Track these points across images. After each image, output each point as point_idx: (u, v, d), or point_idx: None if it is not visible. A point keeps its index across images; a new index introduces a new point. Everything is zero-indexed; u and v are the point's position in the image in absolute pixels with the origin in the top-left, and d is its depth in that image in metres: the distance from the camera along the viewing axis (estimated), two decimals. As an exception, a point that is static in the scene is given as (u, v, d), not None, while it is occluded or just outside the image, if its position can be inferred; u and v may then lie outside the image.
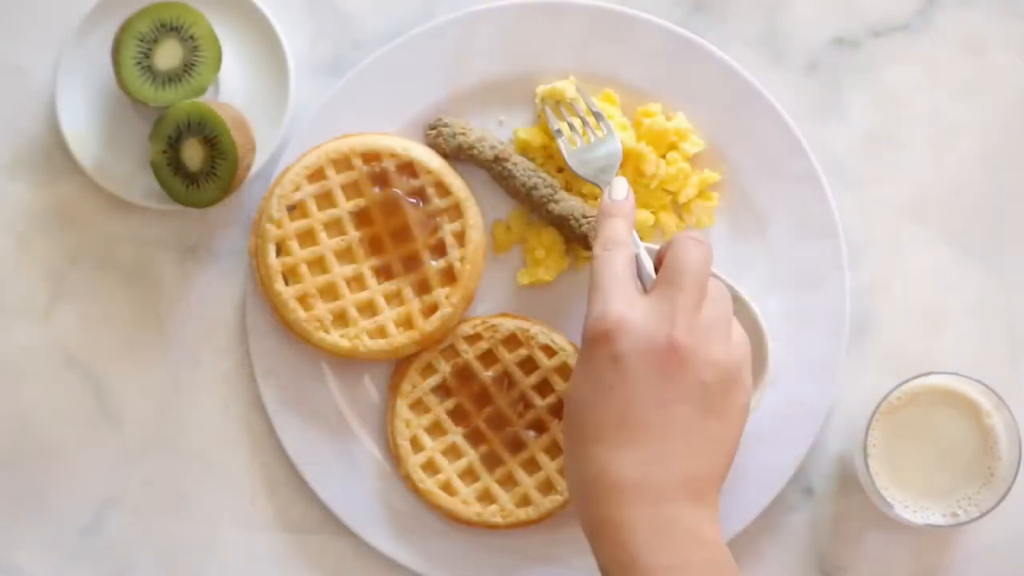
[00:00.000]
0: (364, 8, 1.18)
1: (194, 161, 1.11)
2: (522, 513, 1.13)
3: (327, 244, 1.09)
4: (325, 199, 1.09)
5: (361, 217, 1.09)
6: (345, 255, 1.09)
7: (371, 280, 1.09)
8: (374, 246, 1.09)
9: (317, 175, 1.09)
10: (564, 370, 1.13)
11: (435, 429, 1.13)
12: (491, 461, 1.14)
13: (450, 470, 1.13)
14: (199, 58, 1.12)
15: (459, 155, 1.14)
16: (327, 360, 1.14)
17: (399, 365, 1.14)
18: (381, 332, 1.09)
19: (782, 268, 1.14)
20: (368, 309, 1.09)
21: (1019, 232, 1.16)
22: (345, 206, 1.09)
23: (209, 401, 1.17)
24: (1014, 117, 1.17)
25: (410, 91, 1.15)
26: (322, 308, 1.08)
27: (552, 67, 1.15)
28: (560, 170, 1.15)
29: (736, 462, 1.13)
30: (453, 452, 1.13)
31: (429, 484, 1.13)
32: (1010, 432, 1.08)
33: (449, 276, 1.08)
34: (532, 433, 1.13)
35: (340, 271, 1.09)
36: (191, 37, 1.11)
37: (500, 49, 1.15)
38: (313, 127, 1.14)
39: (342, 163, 1.09)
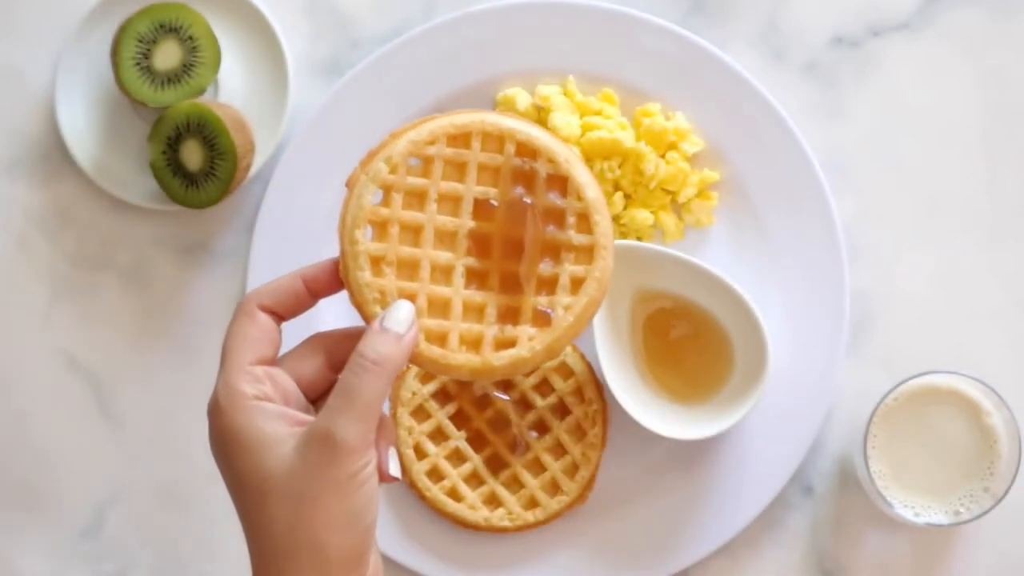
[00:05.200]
0: (364, 8, 1.18)
1: (193, 162, 1.11)
2: (530, 515, 1.13)
3: (434, 217, 0.89)
4: (456, 169, 0.90)
5: (483, 208, 0.90)
6: (446, 239, 0.90)
7: (459, 279, 0.89)
8: (481, 246, 0.90)
9: (460, 140, 0.90)
10: (564, 369, 1.13)
11: (437, 435, 1.13)
12: (495, 464, 1.14)
13: (455, 475, 1.13)
14: (198, 59, 1.12)
15: (459, 155, 1.14)
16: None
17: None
18: (441, 340, 0.89)
19: (782, 268, 1.14)
20: (440, 309, 0.89)
21: (1019, 232, 1.16)
22: (474, 188, 0.89)
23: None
24: (1014, 117, 1.17)
25: (410, 91, 1.15)
26: (392, 281, 0.89)
27: (551, 67, 1.15)
28: (560, 170, 1.15)
29: (736, 462, 1.13)
30: (457, 457, 1.13)
31: (435, 491, 1.13)
32: (1010, 431, 1.08)
33: (544, 319, 0.90)
34: (534, 434, 1.13)
35: (432, 253, 0.89)
36: (190, 38, 1.11)
37: (500, 49, 1.15)
38: (313, 127, 1.14)
39: (493, 141, 0.90)
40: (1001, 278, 1.16)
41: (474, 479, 1.14)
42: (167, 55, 1.12)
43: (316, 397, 0.86)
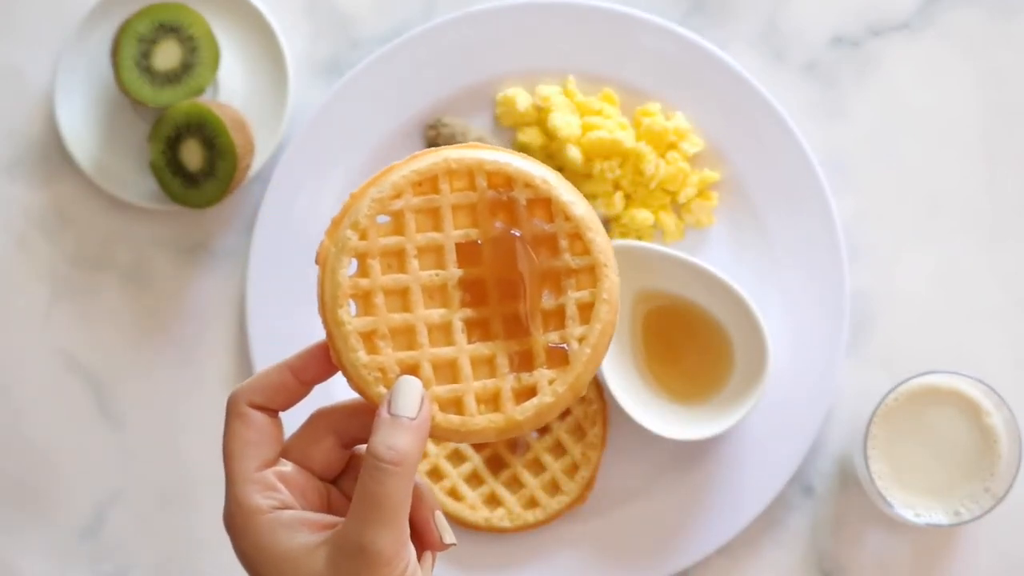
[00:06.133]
0: (363, 8, 1.18)
1: (193, 161, 1.11)
2: (529, 516, 1.13)
3: (418, 275, 0.82)
4: (429, 217, 0.82)
5: (467, 252, 0.82)
6: (436, 295, 0.82)
7: (460, 335, 0.81)
8: (475, 293, 0.82)
9: (428, 185, 0.82)
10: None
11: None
12: (495, 464, 1.14)
13: (455, 475, 1.13)
14: (198, 59, 1.12)
15: (458, 155, 1.14)
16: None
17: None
18: (457, 406, 0.81)
19: (782, 268, 1.14)
20: (447, 371, 0.81)
21: (1019, 232, 1.16)
22: (453, 233, 0.82)
23: (209, 401, 1.17)
24: (1014, 117, 1.17)
25: (410, 91, 1.15)
26: (390, 356, 0.81)
27: (551, 67, 1.15)
28: (560, 170, 1.15)
29: (736, 462, 1.13)
30: (457, 457, 1.13)
31: (436, 491, 1.13)
32: (1010, 431, 1.07)
33: (560, 357, 0.82)
34: (534, 434, 1.13)
35: (424, 313, 0.81)
36: (190, 38, 1.11)
37: (499, 49, 1.15)
38: (313, 127, 1.14)
39: (463, 177, 0.82)
40: (1001, 278, 1.16)
41: (474, 479, 1.14)
42: (167, 55, 1.12)
43: (335, 476, 0.81)
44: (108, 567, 1.17)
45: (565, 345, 0.81)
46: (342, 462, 0.80)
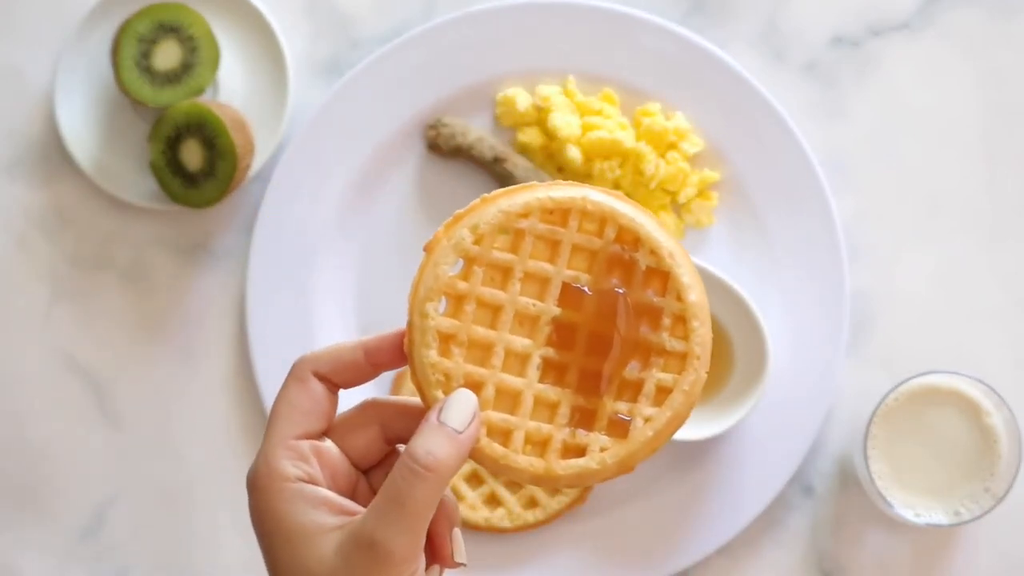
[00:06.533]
0: (363, 8, 1.18)
1: (193, 162, 1.11)
2: (529, 516, 1.13)
3: (516, 298, 0.80)
4: (547, 247, 0.80)
5: (571, 295, 0.80)
6: (526, 324, 0.80)
7: (534, 371, 0.79)
8: (563, 337, 0.80)
9: (558, 216, 0.80)
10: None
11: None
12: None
13: (456, 474, 1.13)
14: (198, 59, 1.12)
15: (458, 155, 1.14)
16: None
17: (399, 373, 1.13)
18: (505, 437, 0.79)
19: (782, 268, 1.14)
20: (508, 401, 0.80)
21: (1019, 232, 1.16)
22: (564, 271, 0.80)
23: (209, 401, 1.17)
24: (1014, 117, 1.17)
25: (410, 91, 1.15)
26: (459, 365, 0.79)
27: (551, 67, 1.15)
28: (560, 170, 1.15)
29: (736, 462, 1.13)
30: (455, 455, 1.13)
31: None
32: (1010, 431, 1.07)
33: (621, 429, 0.80)
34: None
35: (508, 337, 0.80)
36: (190, 38, 1.11)
37: (500, 49, 1.15)
38: (313, 127, 1.14)
39: (594, 221, 0.80)
40: (1001, 278, 1.16)
41: (474, 479, 1.14)
42: (167, 55, 1.12)
43: (368, 467, 0.80)
44: (108, 567, 1.17)
45: (630, 419, 0.79)
46: (380, 455, 0.79)
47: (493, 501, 1.13)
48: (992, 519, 1.10)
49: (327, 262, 1.16)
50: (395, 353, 0.78)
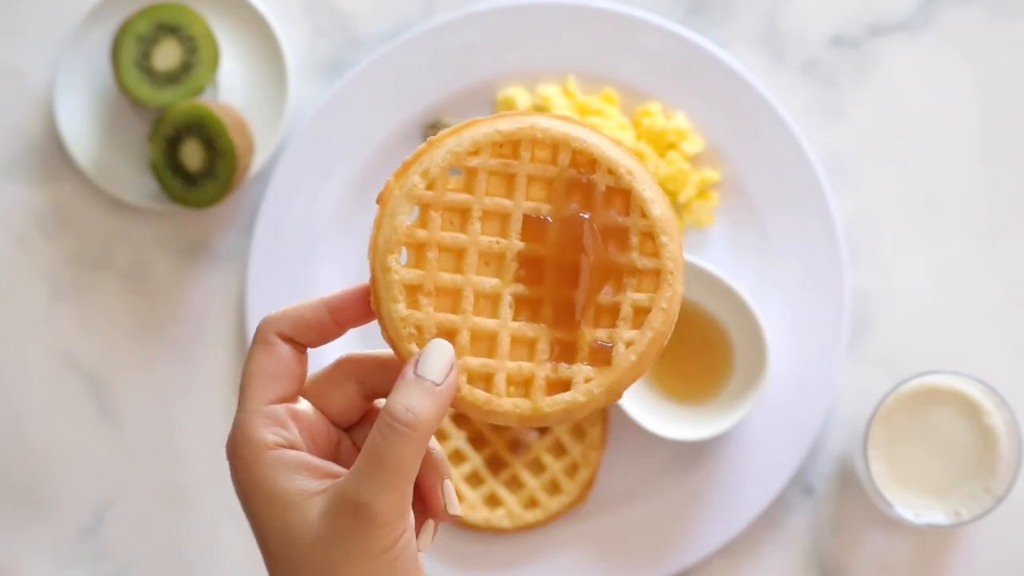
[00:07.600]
0: (363, 8, 1.18)
1: (193, 162, 1.11)
2: (529, 516, 1.13)
3: (478, 238, 0.78)
4: (502, 182, 0.78)
5: (533, 227, 0.78)
6: (492, 263, 0.78)
7: (507, 310, 0.77)
8: (531, 271, 0.78)
9: (509, 149, 0.78)
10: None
11: (437, 435, 1.13)
12: (495, 464, 1.14)
13: (455, 475, 1.13)
14: (198, 59, 1.12)
15: (458, 155, 1.14)
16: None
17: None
18: (486, 382, 0.77)
19: (782, 268, 1.14)
20: (485, 344, 0.77)
21: (1019, 232, 1.16)
22: (523, 204, 0.78)
23: (209, 401, 1.17)
24: (1014, 117, 1.17)
25: (410, 91, 1.15)
26: (430, 314, 0.77)
27: (551, 67, 1.15)
28: (560, 170, 1.15)
29: (736, 462, 1.13)
30: (457, 457, 1.13)
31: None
32: (1010, 431, 1.07)
33: (603, 356, 0.77)
34: (534, 434, 1.13)
35: (475, 279, 0.77)
36: (189, 38, 1.11)
37: (500, 49, 1.15)
38: (313, 127, 1.14)
39: (546, 148, 0.78)
40: (1001, 278, 1.16)
41: (474, 479, 1.14)
42: (167, 55, 1.12)
43: (350, 425, 0.78)
44: (108, 567, 1.17)
45: (611, 345, 0.77)
46: (360, 412, 0.78)
47: (493, 501, 1.13)
48: (992, 519, 1.10)
49: (327, 262, 1.16)
50: (361, 309, 0.76)
